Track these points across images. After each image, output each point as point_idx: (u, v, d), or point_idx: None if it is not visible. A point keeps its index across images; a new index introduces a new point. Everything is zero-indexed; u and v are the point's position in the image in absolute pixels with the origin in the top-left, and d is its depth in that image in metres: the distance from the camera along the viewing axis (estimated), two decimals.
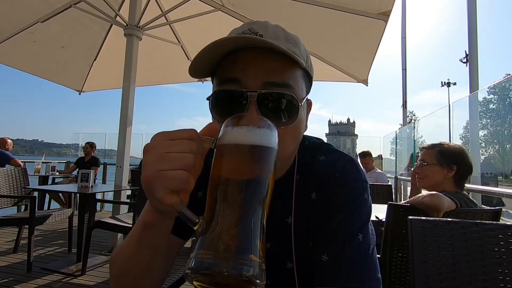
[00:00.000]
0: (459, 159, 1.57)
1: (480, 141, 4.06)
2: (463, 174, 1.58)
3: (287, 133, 0.54)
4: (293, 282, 0.63)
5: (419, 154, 1.75)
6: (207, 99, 0.58)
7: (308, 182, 0.65)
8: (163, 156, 0.38)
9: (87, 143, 5.97)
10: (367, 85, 3.79)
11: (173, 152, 0.38)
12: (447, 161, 1.57)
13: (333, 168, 0.64)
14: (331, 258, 0.55)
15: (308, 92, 0.63)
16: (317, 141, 0.72)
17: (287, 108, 0.54)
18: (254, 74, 0.53)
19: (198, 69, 0.56)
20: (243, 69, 0.53)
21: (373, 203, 0.69)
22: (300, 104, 0.55)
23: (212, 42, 0.50)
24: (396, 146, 7.54)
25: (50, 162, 6.02)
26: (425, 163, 1.64)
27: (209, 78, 0.63)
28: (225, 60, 0.55)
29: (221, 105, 0.55)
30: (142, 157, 0.41)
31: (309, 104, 0.66)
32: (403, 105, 6.73)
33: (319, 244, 0.58)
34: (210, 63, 0.55)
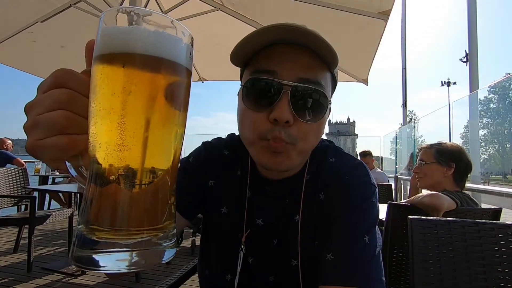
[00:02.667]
0: (457, 157, 1.58)
1: (480, 140, 4.05)
2: (463, 172, 1.58)
3: (311, 129, 0.56)
4: (297, 279, 0.64)
5: (418, 155, 1.76)
6: (241, 85, 0.59)
7: (318, 182, 0.66)
8: (35, 122, 0.32)
9: None
10: (367, 85, 3.79)
11: (43, 114, 0.32)
12: (446, 159, 1.58)
13: (342, 170, 0.66)
14: (336, 257, 0.56)
15: (331, 96, 0.64)
16: (328, 143, 0.73)
17: (317, 104, 0.55)
18: (290, 68, 0.54)
19: (239, 55, 0.57)
20: (279, 62, 0.55)
21: None
22: (328, 103, 0.57)
23: (265, 26, 0.52)
24: (396, 145, 7.53)
25: None
26: (424, 162, 1.66)
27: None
28: (260, 53, 0.56)
29: (254, 92, 0.56)
30: None
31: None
32: (403, 104, 6.72)
33: (324, 244, 0.59)
34: (251, 50, 0.57)
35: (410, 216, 1.03)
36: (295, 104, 0.53)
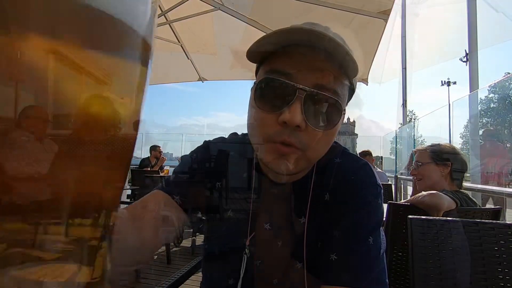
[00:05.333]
0: (452, 155, 1.62)
1: (480, 140, 4.06)
2: (459, 170, 1.61)
3: (323, 137, 0.55)
4: (301, 281, 0.63)
5: (414, 157, 1.79)
6: (255, 83, 0.58)
7: (323, 183, 0.66)
8: None
9: None
10: (367, 84, 3.79)
11: None
12: (441, 158, 1.61)
13: (348, 171, 0.65)
14: (339, 257, 0.55)
15: (346, 105, 0.63)
16: (334, 144, 0.72)
17: (330, 113, 0.54)
18: (307, 73, 0.52)
19: (256, 52, 0.56)
20: (297, 66, 0.53)
21: None
22: (343, 113, 0.56)
23: (291, 26, 0.51)
24: (396, 145, 7.53)
25: None
26: (420, 163, 1.68)
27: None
28: (278, 53, 0.55)
29: (267, 93, 0.54)
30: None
31: None
32: (403, 104, 6.73)
33: (328, 244, 0.58)
34: (270, 48, 0.55)
35: (410, 216, 1.03)
36: (308, 110, 0.51)
